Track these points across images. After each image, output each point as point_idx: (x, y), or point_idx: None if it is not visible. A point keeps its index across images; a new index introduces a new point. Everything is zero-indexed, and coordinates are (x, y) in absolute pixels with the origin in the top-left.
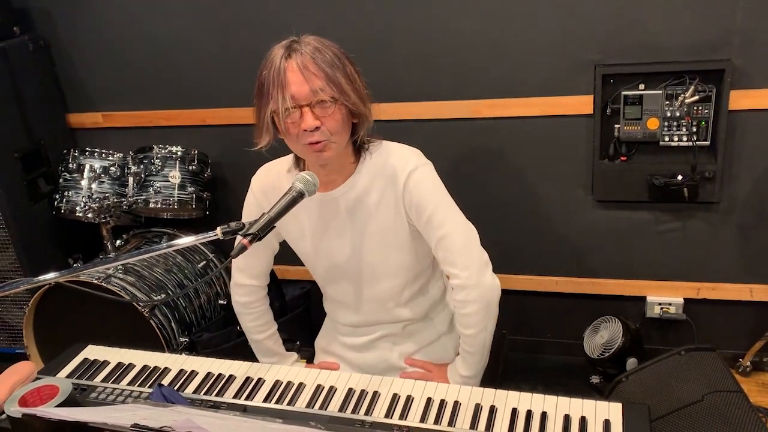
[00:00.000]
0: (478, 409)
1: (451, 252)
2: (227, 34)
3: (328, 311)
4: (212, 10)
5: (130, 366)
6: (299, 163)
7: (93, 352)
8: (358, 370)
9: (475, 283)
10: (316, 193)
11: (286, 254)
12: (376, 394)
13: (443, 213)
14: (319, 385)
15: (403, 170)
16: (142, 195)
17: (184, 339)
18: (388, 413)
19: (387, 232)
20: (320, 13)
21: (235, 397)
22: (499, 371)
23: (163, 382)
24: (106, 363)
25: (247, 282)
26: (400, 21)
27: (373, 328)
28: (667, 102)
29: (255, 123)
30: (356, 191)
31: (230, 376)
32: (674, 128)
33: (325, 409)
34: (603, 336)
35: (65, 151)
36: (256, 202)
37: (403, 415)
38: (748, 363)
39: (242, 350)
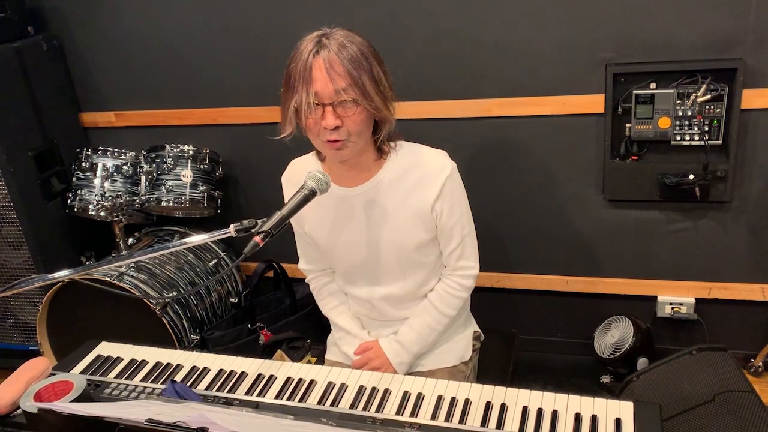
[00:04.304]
0: (488, 406)
1: (467, 248)
2: (239, 33)
3: None
4: (224, 10)
5: (143, 362)
6: (320, 156)
7: (106, 348)
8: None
9: (477, 273)
10: (338, 188)
11: (295, 253)
12: (386, 392)
13: (467, 216)
14: (330, 382)
15: (439, 174)
16: (154, 193)
17: (195, 336)
18: (399, 410)
19: (406, 231)
20: (332, 14)
21: (247, 393)
22: (510, 370)
23: (175, 379)
24: (119, 359)
25: (305, 267)
26: (412, 20)
27: (386, 323)
28: (679, 101)
29: (280, 112)
30: (380, 190)
31: (242, 372)
32: (686, 127)
33: (336, 406)
34: (614, 335)
35: (78, 149)
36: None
37: (414, 413)
38: (760, 363)
39: (253, 347)
